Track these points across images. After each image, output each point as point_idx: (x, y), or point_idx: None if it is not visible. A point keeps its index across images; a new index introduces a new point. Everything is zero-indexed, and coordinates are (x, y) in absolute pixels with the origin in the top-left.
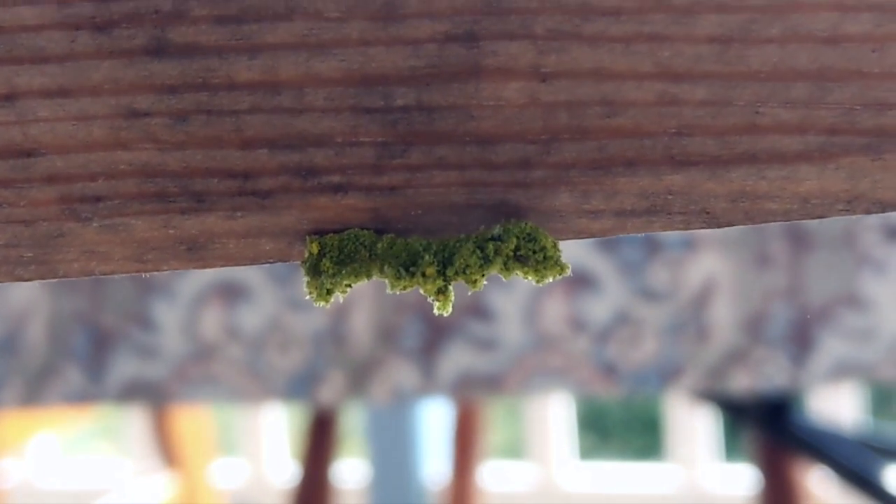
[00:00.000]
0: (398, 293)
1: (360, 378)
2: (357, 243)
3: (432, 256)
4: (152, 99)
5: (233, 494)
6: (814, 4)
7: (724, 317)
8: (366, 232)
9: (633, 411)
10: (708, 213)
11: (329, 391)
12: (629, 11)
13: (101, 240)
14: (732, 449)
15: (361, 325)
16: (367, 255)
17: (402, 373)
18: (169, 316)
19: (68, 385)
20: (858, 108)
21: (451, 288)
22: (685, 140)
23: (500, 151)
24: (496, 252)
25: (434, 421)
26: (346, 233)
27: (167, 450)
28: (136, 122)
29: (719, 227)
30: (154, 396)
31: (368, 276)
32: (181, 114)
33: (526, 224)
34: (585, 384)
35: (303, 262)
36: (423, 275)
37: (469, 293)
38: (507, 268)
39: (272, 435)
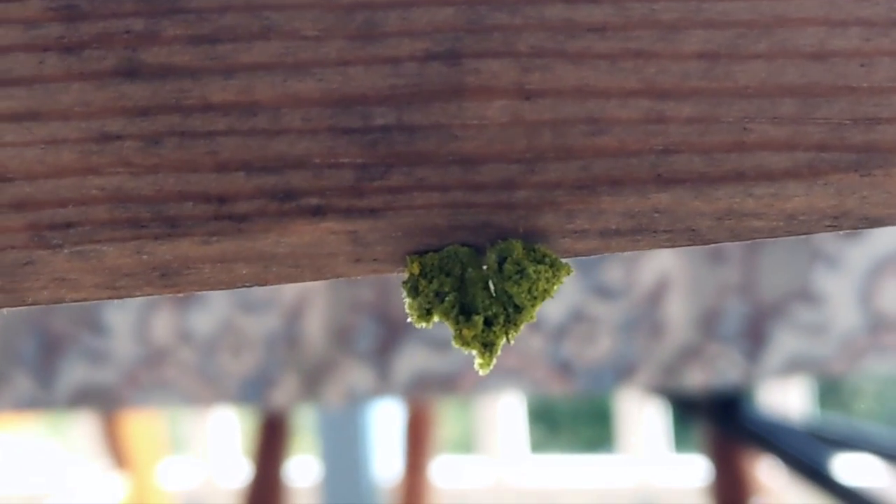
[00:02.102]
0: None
1: (313, 381)
2: (457, 261)
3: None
4: (124, 121)
5: (184, 495)
6: (801, 19)
7: (677, 313)
8: (465, 249)
9: (583, 403)
10: (693, 231)
11: (282, 394)
12: (614, 27)
13: (71, 267)
14: (682, 440)
15: (315, 327)
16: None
17: (356, 374)
18: (120, 320)
19: (17, 392)
20: (847, 123)
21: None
22: (671, 158)
23: (482, 172)
24: (517, 262)
25: (386, 417)
26: (445, 250)
27: (117, 450)
28: (108, 145)
29: (704, 244)
30: (105, 402)
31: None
32: (154, 136)
33: (514, 242)
34: (541, 383)
35: (404, 283)
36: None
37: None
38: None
39: (223, 434)
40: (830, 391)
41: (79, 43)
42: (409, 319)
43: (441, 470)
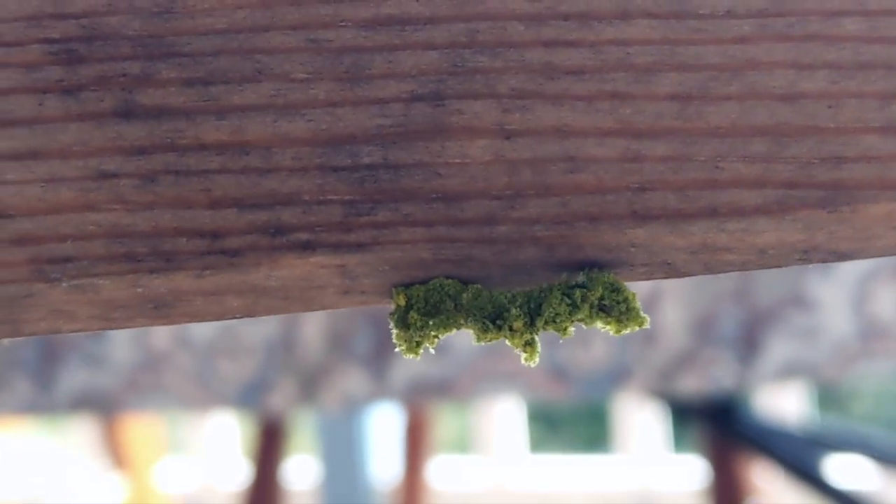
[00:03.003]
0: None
1: (310, 385)
2: (442, 293)
3: (519, 309)
4: (121, 160)
5: (182, 497)
6: (771, 62)
7: (672, 319)
8: (450, 281)
9: (581, 403)
10: (669, 264)
11: (280, 399)
12: (591, 70)
13: (68, 300)
14: (680, 440)
15: (312, 332)
16: (453, 305)
17: (353, 379)
18: None
19: (17, 396)
20: (815, 162)
21: (537, 339)
22: (647, 195)
23: (465, 208)
24: (583, 299)
25: (384, 420)
26: (431, 283)
27: (116, 452)
28: (105, 183)
29: (679, 276)
30: (104, 406)
31: (457, 326)
32: (150, 174)
33: (609, 275)
34: (536, 388)
35: (391, 314)
36: (511, 328)
37: (561, 340)
38: (590, 316)
39: (222, 436)
40: (829, 394)
41: (77, 85)
42: None
43: (439, 470)
